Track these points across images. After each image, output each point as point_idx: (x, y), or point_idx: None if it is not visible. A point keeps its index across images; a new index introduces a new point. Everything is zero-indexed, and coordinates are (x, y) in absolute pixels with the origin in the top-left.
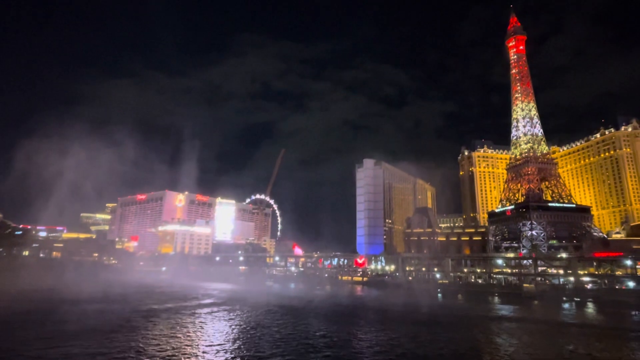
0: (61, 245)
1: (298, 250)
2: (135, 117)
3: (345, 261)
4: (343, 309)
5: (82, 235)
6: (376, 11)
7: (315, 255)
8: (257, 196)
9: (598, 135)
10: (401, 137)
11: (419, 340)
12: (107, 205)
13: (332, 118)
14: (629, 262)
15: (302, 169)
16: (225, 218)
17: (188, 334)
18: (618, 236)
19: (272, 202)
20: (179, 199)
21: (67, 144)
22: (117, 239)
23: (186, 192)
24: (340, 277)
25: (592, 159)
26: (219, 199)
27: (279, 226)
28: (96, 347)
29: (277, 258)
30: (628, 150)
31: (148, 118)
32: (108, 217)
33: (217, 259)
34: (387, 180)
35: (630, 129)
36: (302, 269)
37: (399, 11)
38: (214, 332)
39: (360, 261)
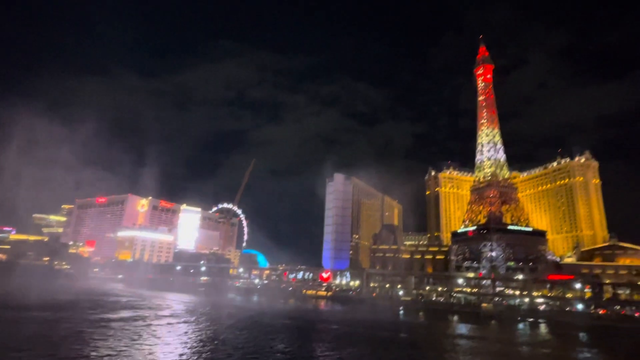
0: (8, 247)
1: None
2: (101, 116)
3: (311, 275)
4: (305, 324)
5: (32, 237)
6: (354, 29)
7: (281, 268)
8: (225, 205)
9: (555, 163)
10: (372, 154)
11: None
12: (62, 206)
13: (306, 131)
14: (578, 286)
15: (272, 180)
16: (190, 226)
17: (142, 346)
18: (570, 260)
19: (239, 212)
20: (141, 204)
21: (21, 139)
22: (71, 243)
23: (150, 197)
24: (304, 291)
25: (548, 185)
26: (184, 206)
27: (245, 237)
28: (42, 358)
29: (241, 269)
30: (581, 179)
31: (115, 118)
32: (63, 219)
33: (178, 268)
34: (356, 196)
35: (583, 160)
36: (266, 282)
37: (376, 31)
38: (169, 345)
39: (325, 275)
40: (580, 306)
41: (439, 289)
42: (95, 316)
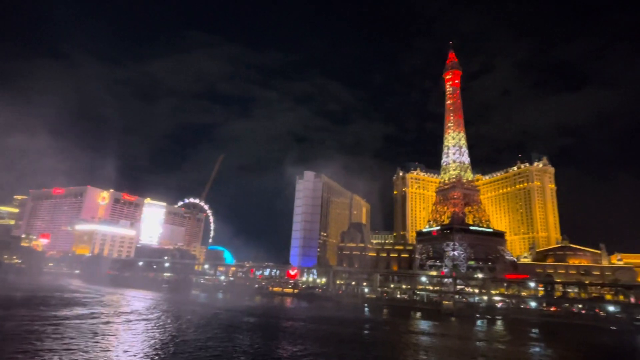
0: None
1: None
2: (61, 103)
3: (278, 272)
4: (271, 321)
5: None
6: (328, 29)
7: (247, 265)
8: (191, 200)
9: (515, 168)
10: (342, 153)
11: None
12: (15, 197)
13: (277, 127)
14: (532, 284)
15: (241, 175)
16: (153, 220)
17: (97, 345)
18: (525, 260)
19: (206, 207)
20: (102, 197)
21: None
22: (23, 236)
23: (111, 190)
24: (271, 288)
25: (508, 189)
26: (148, 200)
27: (212, 233)
28: None
29: (206, 266)
30: (538, 183)
31: (75, 106)
32: (15, 210)
33: (140, 264)
34: (325, 194)
35: (541, 165)
36: (232, 279)
37: (349, 33)
38: (127, 345)
39: (292, 273)
40: (533, 304)
41: (403, 286)
42: (48, 313)
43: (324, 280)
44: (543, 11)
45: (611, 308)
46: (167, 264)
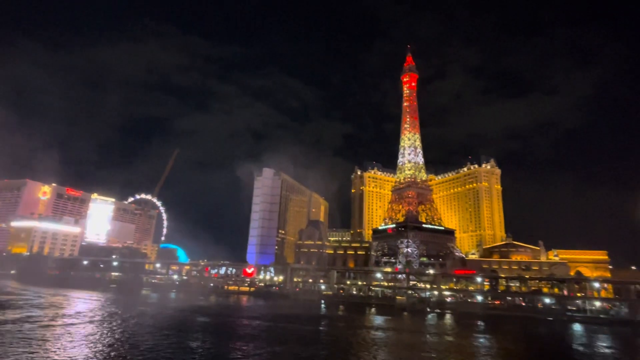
0: None
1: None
2: None
3: (234, 270)
4: (225, 320)
5: None
6: (289, 25)
7: (202, 264)
8: (142, 196)
9: (465, 169)
10: (302, 150)
11: (299, 357)
12: None
13: (235, 123)
14: (479, 279)
15: (197, 171)
16: (101, 217)
17: (34, 351)
18: (473, 257)
19: (159, 203)
20: (43, 191)
21: None
22: None
23: (53, 184)
24: (226, 287)
25: (459, 188)
26: (94, 195)
27: (164, 230)
28: None
29: (158, 265)
30: (486, 184)
31: (14, 93)
32: None
33: (85, 263)
34: (284, 191)
35: (489, 167)
36: (185, 278)
37: (310, 30)
38: (68, 350)
39: (249, 271)
40: (480, 298)
41: (359, 283)
42: None
43: (281, 278)
44: (492, 22)
45: (547, 300)
46: (115, 263)
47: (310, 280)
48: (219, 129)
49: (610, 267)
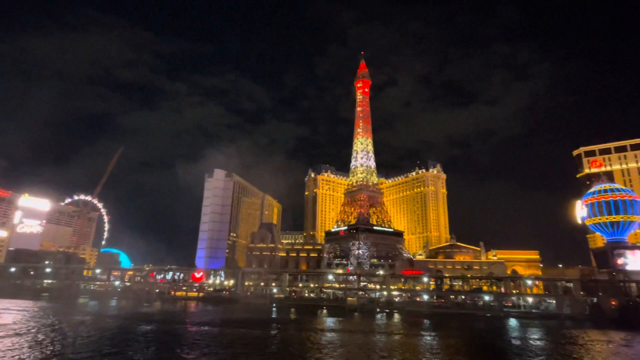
0: None
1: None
2: None
3: (181, 275)
4: (171, 327)
5: None
6: (243, 24)
7: (147, 269)
8: (82, 197)
9: (414, 173)
10: (255, 152)
11: None
12: None
13: (185, 122)
14: (425, 279)
15: (143, 172)
16: (33, 220)
17: None
18: (420, 257)
19: (99, 205)
20: None
21: None
22: None
23: None
24: (173, 292)
25: (407, 192)
26: (25, 196)
27: (105, 234)
28: None
29: (98, 271)
30: (432, 188)
31: None
32: None
33: (13, 270)
34: (236, 193)
35: (435, 172)
36: (128, 284)
37: (265, 31)
38: None
39: (197, 275)
40: (426, 297)
41: (311, 285)
42: None
43: (232, 282)
44: (439, 35)
45: (487, 297)
46: (48, 270)
47: (262, 284)
48: (167, 127)
49: (541, 265)
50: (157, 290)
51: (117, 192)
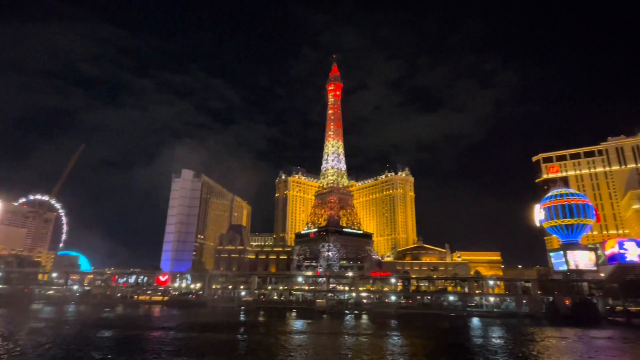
0: None
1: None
2: None
3: (145, 279)
4: (133, 333)
5: None
6: (214, 23)
7: (109, 272)
8: (38, 197)
9: (383, 176)
10: (225, 153)
11: None
12: None
13: (152, 120)
14: (393, 280)
15: (106, 171)
16: None
17: None
18: (389, 259)
19: (58, 205)
20: None
21: None
22: None
23: None
24: (135, 296)
25: (377, 195)
26: None
27: (64, 236)
28: None
29: (54, 275)
30: (401, 191)
31: None
32: None
33: None
34: (204, 194)
35: (404, 175)
36: (88, 288)
37: (236, 30)
38: None
39: (162, 279)
40: (393, 297)
41: (280, 287)
42: None
43: (198, 285)
44: (410, 41)
45: (451, 298)
46: None
47: (230, 287)
48: (133, 126)
49: (502, 266)
50: (119, 295)
51: (77, 192)
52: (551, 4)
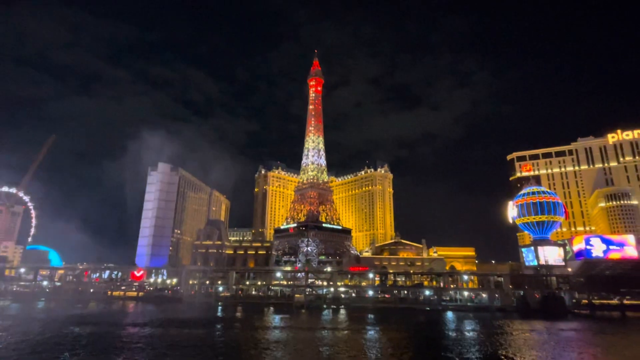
0: None
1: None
2: None
3: (120, 274)
4: (108, 330)
5: None
6: (194, 12)
7: (81, 267)
8: (5, 189)
9: (362, 173)
10: (203, 146)
11: None
12: None
13: (127, 111)
14: (371, 275)
15: (79, 163)
16: None
17: None
18: (367, 254)
19: (26, 198)
20: None
21: None
22: None
23: None
24: (109, 292)
25: (356, 190)
26: None
27: (32, 230)
28: None
29: (22, 270)
30: (380, 187)
31: None
32: None
33: None
34: (182, 188)
35: (383, 171)
36: (59, 284)
37: (216, 21)
38: None
39: (137, 274)
40: (371, 292)
41: (259, 283)
42: None
43: (175, 280)
44: (390, 39)
45: (427, 292)
46: None
47: (208, 282)
48: (108, 116)
49: (476, 261)
50: (91, 290)
51: (48, 185)
52: (526, 9)
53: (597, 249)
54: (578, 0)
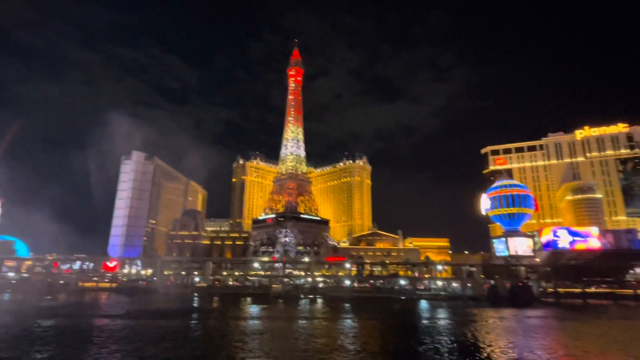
0: None
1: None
2: None
3: (91, 265)
4: (78, 322)
5: None
6: None
7: (50, 258)
8: None
9: (341, 164)
10: (179, 135)
11: (166, 356)
12: None
13: (98, 97)
14: (348, 265)
15: (46, 150)
16: None
17: None
18: (344, 245)
19: None
20: None
21: None
22: None
23: None
24: (80, 283)
25: (335, 182)
26: None
27: None
28: None
29: None
30: (358, 179)
31: None
32: None
33: None
34: (157, 178)
35: (361, 163)
36: (26, 275)
37: (195, 6)
38: None
39: (110, 265)
40: (348, 282)
41: (236, 273)
42: None
43: (150, 271)
44: (371, 31)
45: (402, 282)
46: None
47: (184, 273)
48: (77, 102)
49: (450, 252)
50: (61, 282)
51: (14, 173)
52: (503, 5)
53: (564, 240)
54: None
